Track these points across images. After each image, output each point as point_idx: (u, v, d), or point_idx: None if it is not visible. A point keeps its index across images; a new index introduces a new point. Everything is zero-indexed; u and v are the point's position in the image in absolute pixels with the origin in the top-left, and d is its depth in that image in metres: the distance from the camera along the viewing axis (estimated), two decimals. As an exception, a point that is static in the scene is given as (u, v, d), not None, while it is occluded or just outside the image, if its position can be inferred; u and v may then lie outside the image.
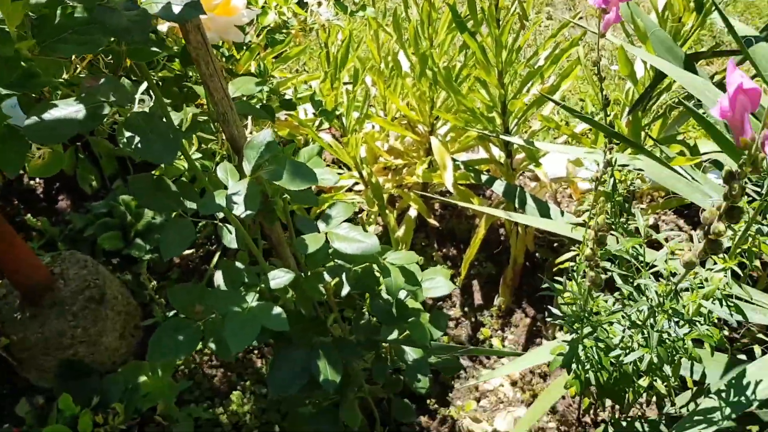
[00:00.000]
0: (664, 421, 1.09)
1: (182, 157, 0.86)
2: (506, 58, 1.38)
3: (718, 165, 1.36)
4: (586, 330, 0.86)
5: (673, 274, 0.71)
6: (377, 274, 1.04)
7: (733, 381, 0.94)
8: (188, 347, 0.97)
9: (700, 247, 0.55)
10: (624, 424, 1.09)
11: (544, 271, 1.67)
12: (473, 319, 1.64)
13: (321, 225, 1.02)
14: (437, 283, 1.22)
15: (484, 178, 1.55)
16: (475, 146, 1.74)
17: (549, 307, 0.99)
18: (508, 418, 1.45)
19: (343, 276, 1.04)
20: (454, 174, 1.55)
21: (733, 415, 0.91)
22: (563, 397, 1.47)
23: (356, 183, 1.69)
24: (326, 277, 1.10)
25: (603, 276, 0.75)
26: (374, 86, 1.69)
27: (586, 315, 0.83)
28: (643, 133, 1.36)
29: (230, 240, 0.90)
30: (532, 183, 1.86)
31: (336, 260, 1.03)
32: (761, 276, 1.38)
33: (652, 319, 0.77)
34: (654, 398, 1.20)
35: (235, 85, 1.06)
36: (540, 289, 1.50)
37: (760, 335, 1.22)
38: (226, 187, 0.87)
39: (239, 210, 0.80)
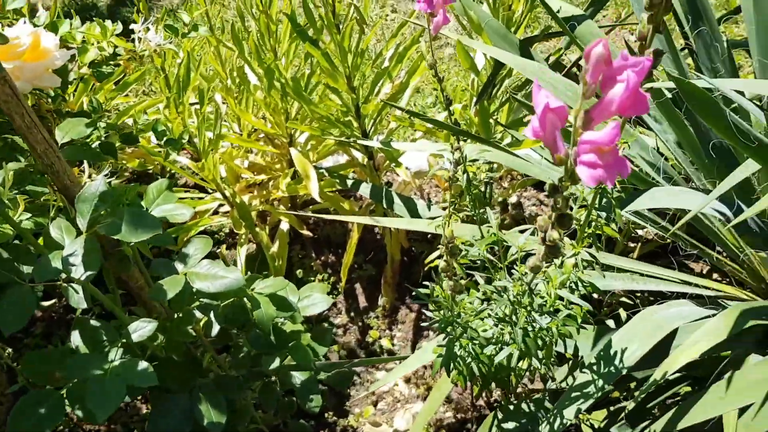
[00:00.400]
0: (547, 398, 1.14)
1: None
2: (352, 62, 1.37)
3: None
4: (459, 331, 0.87)
5: (527, 273, 0.73)
6: (248, 306, 1.01)
7: (602, 353, 0.99)
8: (52, 420, 0.90)
9: (542, 251, 0.56)
10: (511, 407, 1.12)
11: (421, 264, 1.69)
12: (360, 323, 1.63)
13: (179, 266, 0.97)
14: (315, 299, 1.20)
15: (350, 182, 1.54)
16: (338, 150, 1.73)
17: (424, 310, 1.00)
18: (406, 416, 1.46)
19: (211, 314, 0.99)
20: (320, 183, 1.53)
21: (606, 386, 0.96)
22: (456, 384, 1.50)
23: (221, 204, 1.63)
24: (197, 314, 1.06)
25: (462, 282, 0.76)
26: (225, 103, 1.63)
27: (455, 318, 0.84)
28: (492, 120, 1.40)
29: (78, 300, 0.84)
30: (400, 178, 1.88)
31: (201, 299, 0.98)
32: (618, 241, 1.47)
33: (514, 316, 0.79)
34: (538, 373, 1.24)
35: (63, 129, 0.99)
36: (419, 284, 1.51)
37: (624, 299, 1.29)
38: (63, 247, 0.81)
39: (78, 272, 0.74)
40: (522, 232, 0.91)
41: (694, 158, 1.12)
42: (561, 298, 0.85)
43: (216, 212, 1.67)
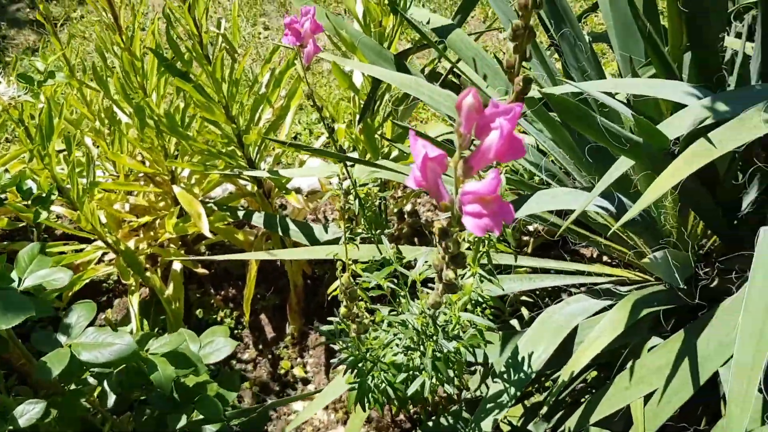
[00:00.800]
0: (464, 408, 1.14)
1: None
2: (228, 91, 1.33)
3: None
4: (369, 365, 0.86)
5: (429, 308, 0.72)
6: (145, 368, 0.94)
7: (510, 360, 1.01)
8: None
9: (440, 288, 0.56)
10: (431, 424, 1.12)
11: (325, 286, 1.67)
12: (270, 355, 1.59)
13: (62, 337, 0.89)
14: (218, 344, 1.15)
15: (241, 213, 1.49)
16: (225, 180, 1.67)
17: (333, 345, 0.97)
18: (328, 444, 1.44)
19: (105, 383, 0.93)
20: (210, 217, 1.47)
21: (518, 393, 0.97)
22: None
23: (105, 252, 1.54)
24: (91, 380, 0.99)
25: (367, 321, 0.75)
26: (97, 146, 1.54)
27: (363, 355, 0.83)
28: (377, 135, 1.39)
29: (-51, 397, 0.75)
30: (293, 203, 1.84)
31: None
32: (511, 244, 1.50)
33: (422, 346, 0.78)
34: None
35: None
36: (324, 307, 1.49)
37: (525, 297, 1.33)
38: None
39: (-57, 371, 0.67)
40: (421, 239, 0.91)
41: (572, 156, 1.16)
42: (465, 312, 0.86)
43: (101, 260, 1.57)
